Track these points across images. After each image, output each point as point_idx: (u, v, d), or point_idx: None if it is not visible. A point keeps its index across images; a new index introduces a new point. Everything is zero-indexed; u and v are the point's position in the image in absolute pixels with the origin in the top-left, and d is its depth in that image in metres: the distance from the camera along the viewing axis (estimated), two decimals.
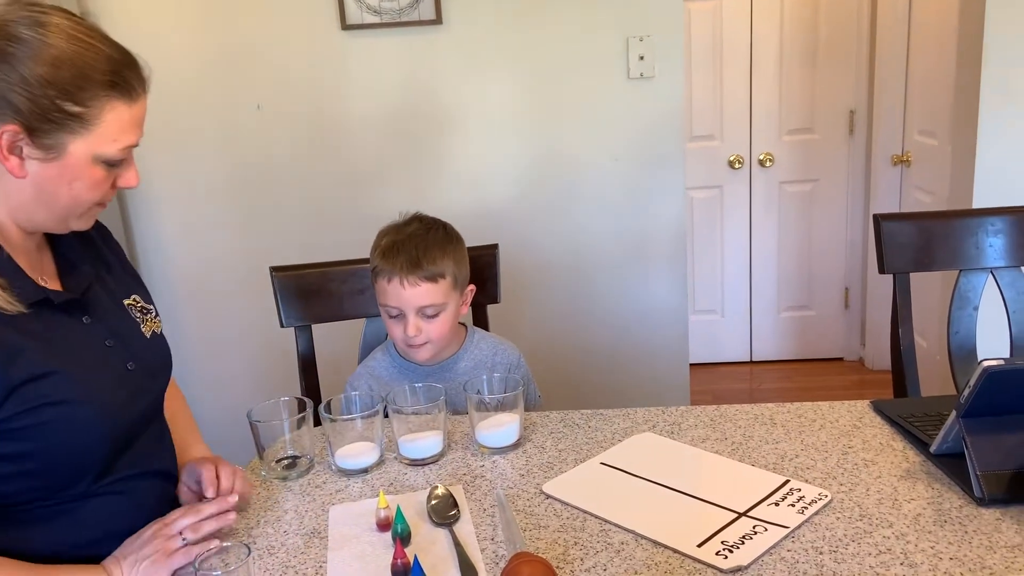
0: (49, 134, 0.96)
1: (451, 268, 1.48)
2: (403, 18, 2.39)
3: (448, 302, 1.48)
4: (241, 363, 2.67)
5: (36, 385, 0.98)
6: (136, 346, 1.15)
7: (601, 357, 2.64)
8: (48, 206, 1.02)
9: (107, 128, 1.00)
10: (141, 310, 1.20)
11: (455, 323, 1.53)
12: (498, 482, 1.23)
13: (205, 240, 2.61)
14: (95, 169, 1.01)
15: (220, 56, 2.46)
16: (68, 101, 0.96)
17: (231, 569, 0.94)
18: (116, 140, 1.01)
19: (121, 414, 1.09)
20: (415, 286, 1.44)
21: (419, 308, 1.46)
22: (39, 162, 0.98)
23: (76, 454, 1.04)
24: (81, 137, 0.98)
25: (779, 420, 1.37)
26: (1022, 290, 1.66)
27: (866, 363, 3.70)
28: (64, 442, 1.01)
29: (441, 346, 1.53)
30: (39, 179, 0.99)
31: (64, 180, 1.00)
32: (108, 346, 1.10)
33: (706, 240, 3.69)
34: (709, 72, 3.51)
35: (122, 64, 1.00)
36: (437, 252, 1.47)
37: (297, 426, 1.31)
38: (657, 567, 1.00)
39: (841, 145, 3.56)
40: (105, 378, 1.08)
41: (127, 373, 1.11)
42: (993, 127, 2.37)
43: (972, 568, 0.96)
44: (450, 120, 2.49)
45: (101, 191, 1.04)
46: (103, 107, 0.98)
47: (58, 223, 1.06)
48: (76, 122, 0.97)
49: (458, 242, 1.54)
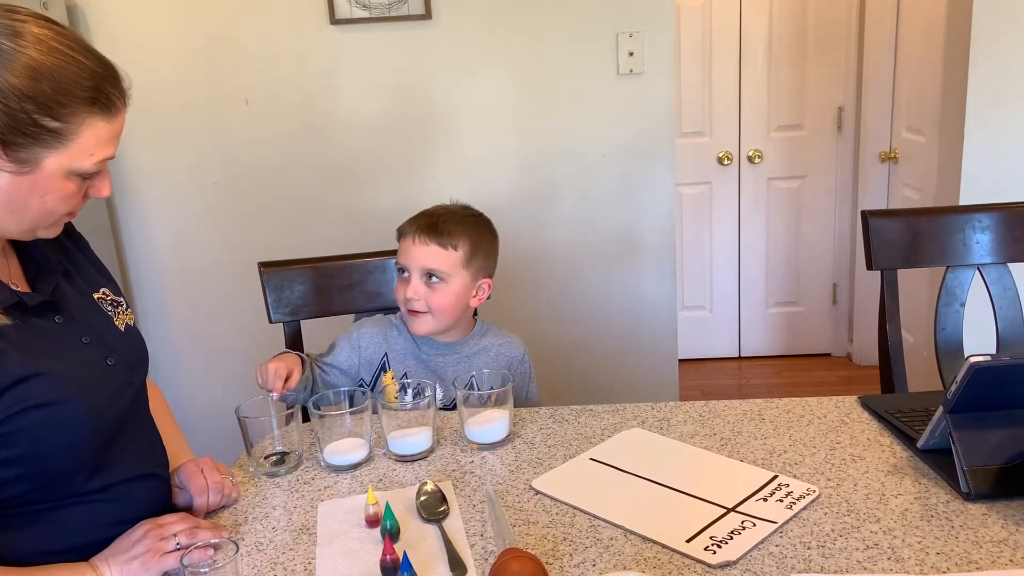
0: (24, 148, 0.93)
1: (466, 245, 1.50)
2: (392, 12, 2.39)
3: (453, 274, 1.49)
4: (229, 359, 2.66)
5: (21, 388, 0.97)
6: (112, 340, 1.13)
7: (590, 353, 2.64)
8: (17, 216, 0.99)
9: (84, 143, 0.96)
10: (111, 303, 1.18)
11: (460, 305, 1.51)
12: (487, 478, 1.23)
13: (193, 236, 2.59)
14: (68, 182, 0.99)
15: (208, 51, 2.45)
16: (47, 116, 0.93)
17: (219, 566, 0.93)
18: (92, 155, 0.98)
19: (107, 409, 1.08)
20: (425, 245, 1.48)
21: (424, 269, 1.48)
22: (11, 175, 0.95)
23: (66, 453, 1.03)
24: (57, 152, 0.95)
25: (767, 416, 1.37)
26: (1008, 286, 1.67)
27: (854, 359, 3.72)
28: (54, 442, 1.01)
29: (442, 323, 1.51)
30: (10, 191, 0.96)
31: (36, 193, 0.97)
32: (85, 343, 1.09)
33: (695, 236, 3.70)
34: (698, 68, 3.52)
35: (103, 78, 0.97)
36: (458, 227, 1.50)
37: (286, 422, 1.30)
38: (646, 562, 1.00)
39: (829, 142, 3.57)
40: (88, 375, 1.06)
41: (108, 368, 1.10)
42: (980, 124, 2.38)
43: (958, 563, 0.97)
44: (439, 115, 2.48)
45: (73, 203, 1.02)
46: (81, 123, 0.95)
47: (26, 232, 1.03)
48: (53, 137, 0.94)
49: (488, 232, 1.58)
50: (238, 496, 1.22)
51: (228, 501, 1.20)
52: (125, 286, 2.59)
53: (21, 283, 1.08)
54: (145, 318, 2.62)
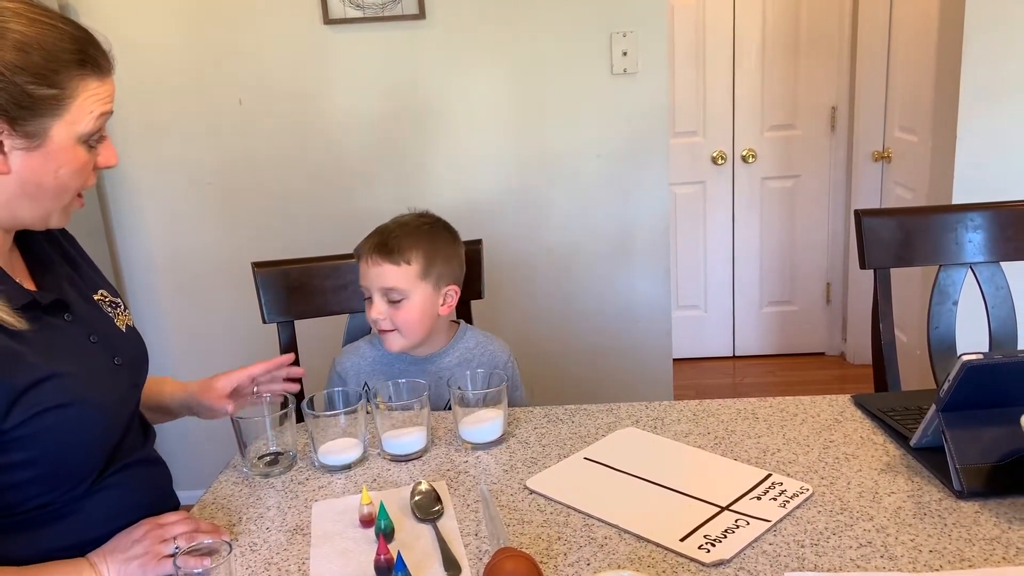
0: (29, 120, 0.96)
1: (420, 257, 1.47)
2: (386, 12, 2.38)
3: (413, 289, 1.47)
4: (223, 359, 2.64)
5: (38, 390, 0.98)
6: (116, 341, 1.15)
7: (585, 352, 2.64)
8: (33, 199, 1.01)
9: (82, 104, 0.99)
10: (110, 304, 1.19)
11: (427, 318, 1.50)
12: (482, 477, 1.23)
13: (187, 236, 2.59)
14: (78, 151, 1.01)
15: (201, 51, 2.44)
16: (43, 85, 0.95)
17: (213, 566, 0.93)
18: (92, 111, 1.01)
19: (118, 408, 1.10)
20: (377, 265, 1.46)
21: (383, 289, 1.47)
22: (23, 152, 0.97)
23: (81, 452, 1.04)
24: (60, 119, 0.98)
25: (761, 415, 1.37)
26: (1000, 285, 1.67)
27: (847, 358, 3.73)
28: (69, 443, 1.02)
29: (412, 338, 1.51)
30: (24, 171, 0.99)
31: (49, 168, 1.00)
32: (93, 342, 1.10)
33: (689, 236, 3.70)
34: (692, 68, 3.52)
35: (86, 42, 1.00)
36: (409, 240, 1.47)
37: (279, 422, 1.30)
38: (640, 561, 1.00)
39: (823, 141, 3.58)
40: (98, 376, 1.08)
41: (116, 368, 1.12)
42: (972, 124, 2.39)
43: (951, 560, 0.97)
44: (433, 115, 2.48)
45: (84, 175, 1.04)
46: (76, 86, 0.98)
47: (41, 218, 1.05)
48: (52, 104, 0.97)
49: (444, 240, 1.53)
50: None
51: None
52: (119, 286, 2.59)
53: (27, 281, 1.09)
54: (138, 318, 2.59)
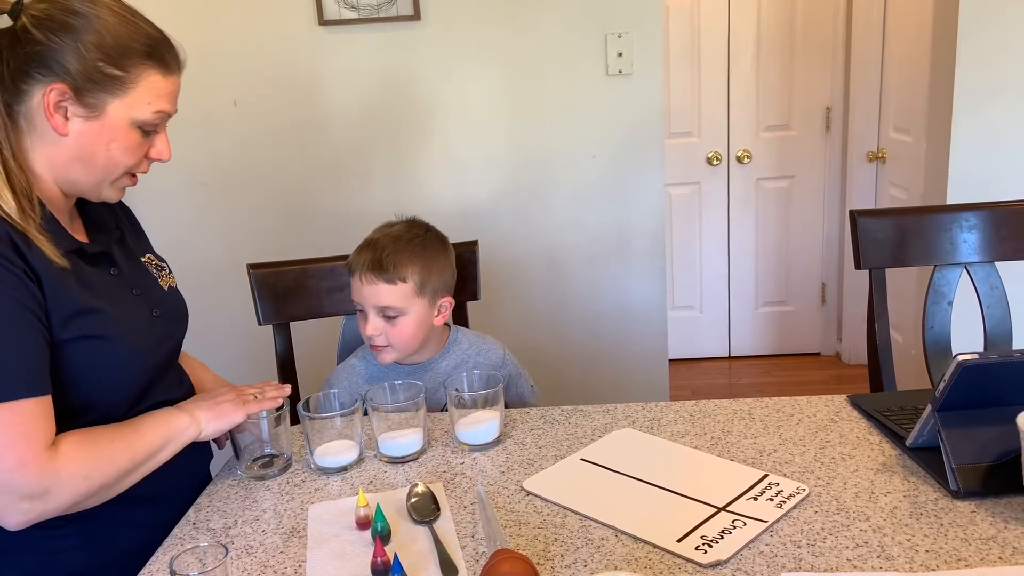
0: (92, 93, 1.07)
1: (416, 274, 1.45)
2: (381, 13, 2.38)
3: (409, 306, 1.46)
4: (218, 361, 2.62)
5: (83, 318, 1.08)
6: (157, 297, 1.26)
7: (581, 353, 2.64)
8: (86, 166, 1.11)
9: (142, 92, 1.11)
10: (156, 267, 1.32)
11: (421, 331, 1.49)
12: (478, 479, 1.23)
13: (181, 238, 2.58)
14: (131, 133, 1.12)
15: (196, 52, 2.39)
16: (110, 65, 1.08)
17: (208, 569, 0.93)
18: (150, 104, 1.12)
19: (150, 355, 1.19)
20: (372, 284, 1.45)
21: (378, 307, 1.46)
22: (82, 120, 1.08)
23: (112, 388, 1.13)
24: (119, 99, 1.09)
25: (757, 415, 1.37)
26: (995, 285, 1.68)
27: (843, 358, 3.74)
28: (102, 376, 1.11)
29: (406, 352, 1.51)
30: (80, 138, 1.09)
31: (102, 140, 1.10)
32: (135, 295, 1.21)
33: (685, 236, 3.71)
34: (687, 69, 3.53)
35: (158, 40, 1.14)
36: (403, 256, 1.45)
37: (275, 424, 1.30)
38: (637, 562, 1.00)
39: (818, 142, 3.59)
40: (136, 322, 1.18)
41: (154, 319, 1.22)
42: (967, 124, 2.40)
43: (947, 560, 0.97)
44: (429, 116, 2.48)
45: (135, 157, 1.15)
46: (140, 73, 1.10)
47: (93, 187, 1.15)
48: (115, 83, 1.08)
49: (437, 252, 1.51)
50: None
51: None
52: None
53: (81, 235, 1.20)
54: None
